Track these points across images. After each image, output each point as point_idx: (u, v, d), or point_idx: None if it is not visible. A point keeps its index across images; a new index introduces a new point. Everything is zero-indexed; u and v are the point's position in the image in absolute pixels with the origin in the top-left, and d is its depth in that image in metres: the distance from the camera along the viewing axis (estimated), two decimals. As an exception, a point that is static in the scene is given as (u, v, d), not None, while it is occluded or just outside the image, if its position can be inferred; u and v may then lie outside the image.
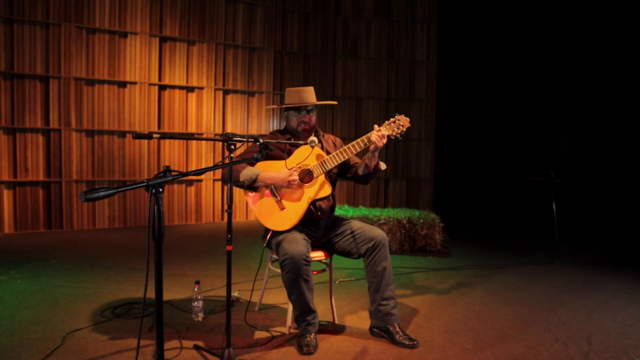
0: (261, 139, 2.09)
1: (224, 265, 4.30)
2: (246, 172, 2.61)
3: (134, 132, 1.68)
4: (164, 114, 6.45)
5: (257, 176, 2.60)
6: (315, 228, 2.78)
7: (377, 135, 2.59)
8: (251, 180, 2.61)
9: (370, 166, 2.69)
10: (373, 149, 2.62)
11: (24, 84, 5.66)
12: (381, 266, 2.65)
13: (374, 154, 2.64)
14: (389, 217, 5.05)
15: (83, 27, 5.87)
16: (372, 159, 2.66)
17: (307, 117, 2.76)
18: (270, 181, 2.60)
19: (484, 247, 5.50)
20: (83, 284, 3.68)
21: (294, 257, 2.41)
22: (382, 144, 2.59)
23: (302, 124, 2.76)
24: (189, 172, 1.47)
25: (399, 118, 2.68)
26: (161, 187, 1.28)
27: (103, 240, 5.41)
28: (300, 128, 2.77)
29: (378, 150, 2.64)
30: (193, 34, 6.55)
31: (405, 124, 2.67)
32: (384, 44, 7.80)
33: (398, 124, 2.67)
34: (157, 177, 1.27)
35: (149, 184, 1.23)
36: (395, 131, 2.66)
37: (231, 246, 2.20)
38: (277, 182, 2.59)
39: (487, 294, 3.63)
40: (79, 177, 5.95)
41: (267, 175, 2.61)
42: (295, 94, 2.76)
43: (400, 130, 2.66)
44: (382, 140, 2.58)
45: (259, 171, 2.62)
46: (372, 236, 2.66)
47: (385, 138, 2.60)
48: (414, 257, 4.88)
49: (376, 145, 2.59)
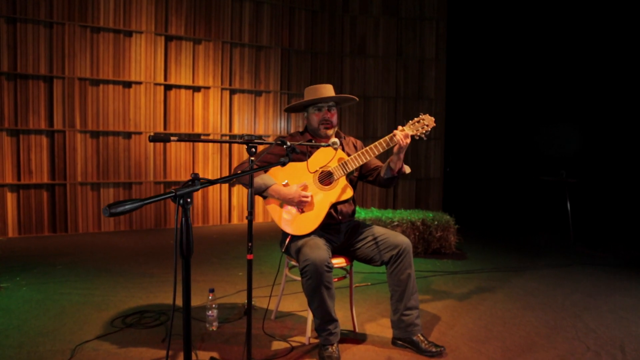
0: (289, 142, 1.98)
1: (235, 271, 4.20)
2: (257, 181, 2.52)
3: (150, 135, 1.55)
4: (169, 114, 6.33)
5: (267, 188, 2.50)
6: (336, 233, 2.66)
7: (401, 135, 2.47)
8: (260, 191, 2.53)
9: (395, 169, 2.56)
10: (397, 150, 2.50)
11: (27, 84, 5.54)
12: (406, 274, 2.53)
13: (398, 156, 2.52)
14: (402, 219, 4.93)
15: (87, 26, 5.76)
16: (397, 161, 2.54)
17: (329, 114, 2.65)
18: (278, 196, 2.52)
19: (498, 248, 5.38)
20: (91, 291, 3.56)
21: (316, 263, 2.29)
22: (406, 144, 2.48)
23: (323, 122, 2.64)
24: (218, 179, 1.35)
25: (424, 117, 2.56)
26: (189, 197, 1.16)
27: (109, 244, 5.30)
28: (323, 127, 2.65)
29: (403, 152, 2.52)
30: (199, 33, 6.43)
31: (430, 124, 2.55)
32: (392, 42, 7.68)
33: (422, 123, 2.55)
34: (185, 185, 1.15)
35: (177, 194, 1.11)
36: (420, 131, 2.54)
37: (252, 255, 2.08)
38: (286, 200, 2.50)
39: (509, 299, 3.51)
40: (83, 179, 5.83)
41: (277, 190, 2.52)
42: (314, 91, 2.65)
43: (425, 130, 2.54)
44: (406, 140, 2.47)
45: (272, 183, 2.53)
46: (397, 243, 2.54)
47: (409, 138, 2.49)
48: (429, 259, 4.76)
49: (400, 145, 2.47)
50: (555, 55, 8.78)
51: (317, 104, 2.66)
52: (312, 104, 2.68)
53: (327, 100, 2.64)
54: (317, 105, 2.66)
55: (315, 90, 2.66)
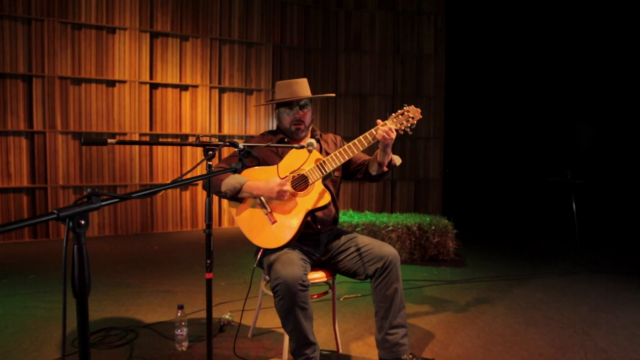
0: (241, 144, 1.69)
1: (218, 280, 3.94)
2: (229, 181, 2.23)
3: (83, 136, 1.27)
4: (156, 114, 6.07)
5: (241, 186, 2.22)
6: (315, 244, 2.38)
7: (383, 130, 2.20)
8: (235, 191, 2.23)
9: (384, 164, 2.31)
10: (382, 146, 2.24)
11: (4, 83, 5.29)
12: (392, 289, 2.25)
13: (385, 151, 2.27)
14: (397, 224, 4.65)
15: (68, 22, 5.50)
16: (384, 156, 2.29)
17: (300, 113, 2.38)
18: (258, 191, 2.21)
19: (500, 254, 5.09)
20: (58, 304, 3.31)
21: (288, 282, 2.02)
22: (391, 140, 2.22)
23: (295, 122, 2.37)
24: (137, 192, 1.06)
25: (408, 109, 2.29)
26: (83, 219, 0.89)
27: (90, 250, 5.01)
28: (294, 127, 2.38)
29: (389, 147, 2.26)
30: (186, 29, 6.17)
31: (415, 116, 2.28)
32: (389, 38, 7.39)
33: (407, 116, 2.28)
34: (77, 203, 0.88)
35: (60, 215, 0.84)
36: (405, 124, 2.27)
37: (211, 274, 1.81)
38: (265, 192, 2.20)
39: (510, 312, 3.22)
40: (65, 183, 5.58)
41: (254, 184, 2.22)
42: (285, 88, 2.39)
43: (410, 123, 2.27)
44: (390, 135, 2.20)
45: (245, 180, 2.23)
46: (382, 254, 2.26)
47: (393, 132, 2.22)
48: (426, 267, 4.48)
49: (384, 142, 2.20)
50: (560, 50, 8.47)
51: (287, 103, 2.40)
52: (283, 103, 2.41)
53: (300, 100, 2.37)
54: (289, 104, 2.40)
55: (287, 87, 2.39)
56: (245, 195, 2.25)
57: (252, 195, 2.24)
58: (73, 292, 0.95)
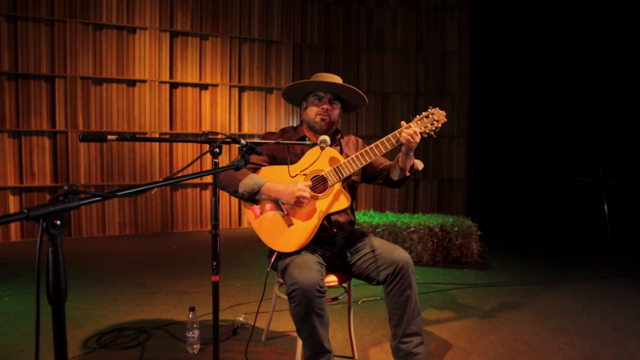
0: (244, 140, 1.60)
1: (234, 281, 3.88)
2: (247, 182, 2.14)
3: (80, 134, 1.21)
4: (176, 113, 6.07)
5: (260, 188, 2.13)
6: (330, 247, 2.28)
7: (408, 133, 2.08)
8: (253, 193, 2.14)
9: (406, 169, 2.20)
10: (405, 150, 2.13)
11: (28, 84, 5.37)
12: (405, 296, 2.13)
13: (408, 155, 2.15)
14: (419, 225, 4.51)
15: (89, 23, 5.54)
16: (406, 160, 2.17)
17: (328, 105, 2.28)
18: (276, 195, 2.12)
19: (526, 258, 4.89)
20: (75, 303, 3.29)
21: (305, 288, 1.92)
22: (415, 144, 2.10)
23: (320, 114, 2.27)
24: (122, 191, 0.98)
25: (433, 112, 2.16)
26: (59, 219, 0.82)
27: (110, 249, 5.06)
28: (319, 118, 2.27)
29: (412, 151, 2.15)
30: (206, 28, 6.15)
31: (440, 119, 2.16)
32: (411, 35, 7.23)
33: (432, 118, 2.15)
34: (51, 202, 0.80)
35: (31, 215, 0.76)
36: (429, 127, 2.15)
37: (218, 276, 1.72)
38: (283, 197, 2.10)
39: (537, 319, 3.06)
40: (87, 182, 5.62)
41: (273, 187, 2.12)
42: (322, 76, 2.30)
43: (435, 126, 2.15)
44: (414, 138, 2.09)
45: (263, 181, 2.14)
46: (393, 259, 2.14)
47: (418, 135, 2.10)
48: (448, 269, 4.33)
49: (408, 145, 2.09)
50: (590, 45, 8.15)
51: (318, 92, 2.30)
52: (314, 91, 2.31)
53: (332, 87, 2.27)
54: (318, 94, 2.30)
55: (321, 77, 2.30)
56: (263, 198, 2.17)
57: (270, 198, 2.15)
58: (48, 299, 0.88)
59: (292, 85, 2.34)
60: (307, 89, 2.34)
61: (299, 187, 2.07)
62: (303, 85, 2.32)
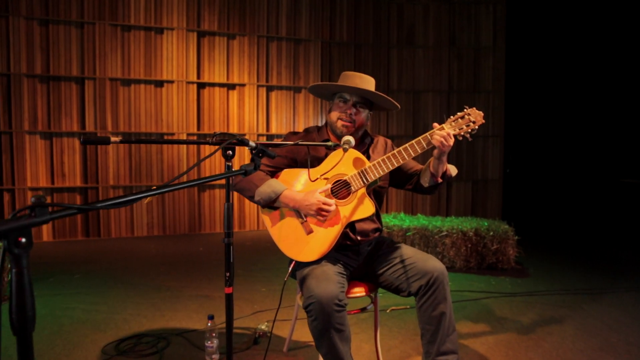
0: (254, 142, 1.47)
1: (258, 285, 3.77)
2: (264, 190, 2.01)
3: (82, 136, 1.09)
4: (203, 114, 6.03)
5: (277, 196, 2.01)
6: (354, 255, 2.13)
7: (441, 135, 1.90)
8: (270, 201, 2.02)
9: (438, 175, 2.02)
10: (437, 154, 1.95)
11: (59, 86, 5.43)
12: (438, 310, 1.95)
13: (440, 160, 1.97)
14: (452, 228, 4.30)
15: (118, 24, 5.57)
16: (439, 165, 1.99)
17: (352, 110, 2.10)
18: (294, 204, 1.99)
19: (568, 264, 4.59)
20: (97, 306, 3.26)
21: (322, 301, 1.78)
22: (448, 147, 1.91)
23: (342, 119, 2.10)
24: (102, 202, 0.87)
25: (469, 112, 1.97)
26: (24, 235, 0.71)
27: (137, 250, 5.06)
28: (340, 124, 2.10)
29: (445, 155, 1.96)
30: (233, 27, 6.09)
31: (477, 120, 1.96)
32: (444, 30, 6.98)
33: (468, 119, 1.96)
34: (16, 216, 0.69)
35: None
36: (464, 129, 1.95)
37: (231, 288, 1.60)
38: (302, 207, 1.98)
39: (582, 334, 2.82)
40: (115, 183, 5.65)
41: (291, 196, 2.00)
42: (348, 78, 2.12)
43: (471, 128, 1.95)
44: (448, 141, 1.90)
45: (281, 189, 2.01)
46: (427, 270, 1.97)
47: (451, 138, 1.91)
48: (483, 276, 4.10)
49: (441, 149, 1.91)
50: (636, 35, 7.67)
51: (343, 94, 2.13)
52: (339, 92, 2.14)
53: (358, 92, 2.09)
54: (343, 96, 2.13)
55: (350, 78, 2.12)
56: (281, 206, 2.06)
57: (288, 207, 2.03)
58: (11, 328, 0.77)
59: (316, 86, 2.19)
60: (332, 90, 2.19)
61: (318, 199, 1.93)
62: (327, 87, 2.18)
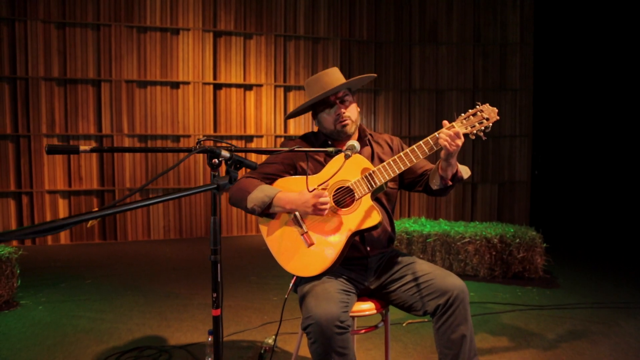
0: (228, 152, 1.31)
1: (270, 294, 3.63)
2: (257, 195, 1.85)
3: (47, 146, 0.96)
4: (220, 115, 5.94)
5: (271, 200, 1.84)
6: (362, 269, 1.95)
7: (447, 134, 1.72)
8: (264, 206, 1.84)
9: (447, 177, 1.83)
10: (445, 155, 1.76)
11: (76, 89, 5.43)
12: (458, 333, 1.76)
13: (448, 162, 1.78)
14: (475, 235, 4.07)
15: (133, 26, 5.53)
16: (447, 168, 1.80)
17: (342, 107, 1.94)
18: (290, 205, 1.81)
19: (602, 275, 4.28)
20: (104, 314, 3.18)
21: (321, 323, 1.61)
22: (455, 148, 1.72)
23: (339, 121, 1.94)
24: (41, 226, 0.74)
25: (482, 108, 1.78)
26: None
27: (152, 254, 5.00)
28: (340, 126, 1.94)
29: (454, 157, 1.77)
30: (250, 27, 5.98)
31: (491, 117, 1.76)
32: (468, 26, 6.71)
33: (480, 117, 1.77)
34: None
35: None
36: (477, 127, 1.76)
37: (219, 310, 1.45)
38: (299, 206, 1.79)
39: (618, 355, 2.56)
40: (132, 185, 5.62)
41: (286, 197, 1.82)
42: (315, 84, 1.97)
43: (484, 125, 1.76)
44: (454, 141, 1.71)
45: (275, 192, 1.84)
46: (446, 288, 1.78)
47: (460, 138, 1.72)
48: (508, 286, 3.85)
49: (447, 149, 1.72)
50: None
51: (323, 102, 1.96)
52: (319, 103, 1.98)
53: (336, 90, 1.93)
54: (326, 101, 1.96)
55: (317, 82, 1.96)
56: (277, 211, 1.87)
57: (285, 210, 1.85)
58: None
59: (293, 113, 2.05)
60: (314, 104, 2.01)
61: (315, 193, 1.75)
62: (305, 106, 2.02)
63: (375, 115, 6.63)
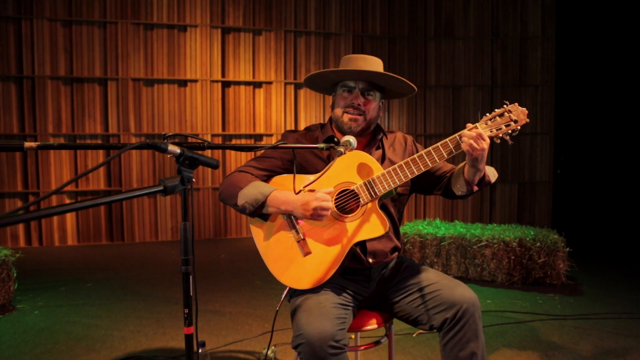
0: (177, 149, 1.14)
1: (274, 300, 3.47)
2: (249, 191, 1.64)
3: None
4: (228, 113, 5.81)
5: (265, 198, 1.63)
6: (365, 281, 1.76)
7: (469, 136, 1.51)
8: (257, 204, 1.63)
9: (473, 182, 1.62)
10: (470, 160, 1.54)
11: (82, 88, 5.35)
12: (468, 351, 1.56)
13: (475, 167, 1.56)
14: (492, 238, 3.84)
15: (140, 23, 5.43)
16: (474, 174, 1.59)
17: (360, 98, 1.70)
18: (286, 206, 1.60)
19: (629, 282, 3.99)
20: (99, 320, 3.05)
21: (313, 342, 1.42)
22: (480, 153, 1.51)
23: (349, 112, 1.71)
24: None
25: (510, 108, 1.55)
26: None
27: (158, 256, 4.89)
28: (347, 118, 1.71)
29: (481, 162, 1.55)
30: (259, 23, 5.82)
31: (520, 119, 1.53)
32: (486, 20, 6.44)
33: (508, 118, 1.54)
34: None
35: None
36: (503, 130, 1.54)
37: (192, 327, 1.28)
38: (296, 208, 1.57)
39: (650, 373, 2.32)
40: (139, 186, 5.51)
41: (282, 196, 1.61)
42: (349, 61, 1.74)
43: (512, 128, 1.54)
44: (479, 144, 1.50)
45: (270, 189, 1.63)
46: (453, 300, 1.58)
47: (484, 140, 1.51)
48: (528, 293, 3.61)
49: (471, 154, 1.51)
50: None
51: (346, 82, 1.74)
52: (341, 80, 1.75)
53: (364, 76, 1.70)
54: (346, 84, 1.73)
55: (352, 61, 1.73)
56: (271, 211, 1.66)
57: (280, 211, 1.64)
58: None
59: (312, 76, 1.79)
60: (332, 79, 1.80)
61: (316, 196, 1.54)
62: (325, 75, 1.78)
63: (389, 112, 6.41)
